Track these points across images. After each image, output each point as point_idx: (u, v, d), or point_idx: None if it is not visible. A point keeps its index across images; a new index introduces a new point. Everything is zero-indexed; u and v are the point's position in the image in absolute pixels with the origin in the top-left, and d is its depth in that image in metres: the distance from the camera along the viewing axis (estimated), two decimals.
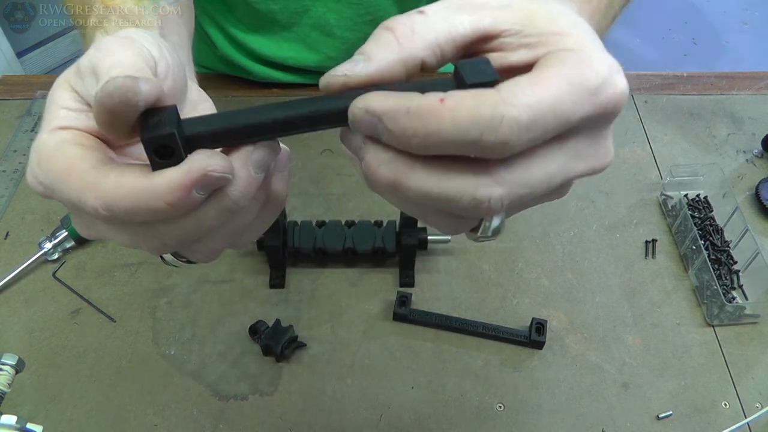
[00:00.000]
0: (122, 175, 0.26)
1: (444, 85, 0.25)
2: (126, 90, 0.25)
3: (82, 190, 0.26)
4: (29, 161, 0.28)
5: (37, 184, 0.28)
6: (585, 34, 0.28)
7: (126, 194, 0.26)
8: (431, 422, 0.52)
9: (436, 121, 0.23)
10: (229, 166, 0.26)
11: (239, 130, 0.28)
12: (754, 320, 0.58)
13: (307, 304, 0.59)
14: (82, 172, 0.27)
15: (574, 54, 0.26)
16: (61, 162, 0.27)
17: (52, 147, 0.28)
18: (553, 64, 0.26)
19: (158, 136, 0.25)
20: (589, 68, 0.26)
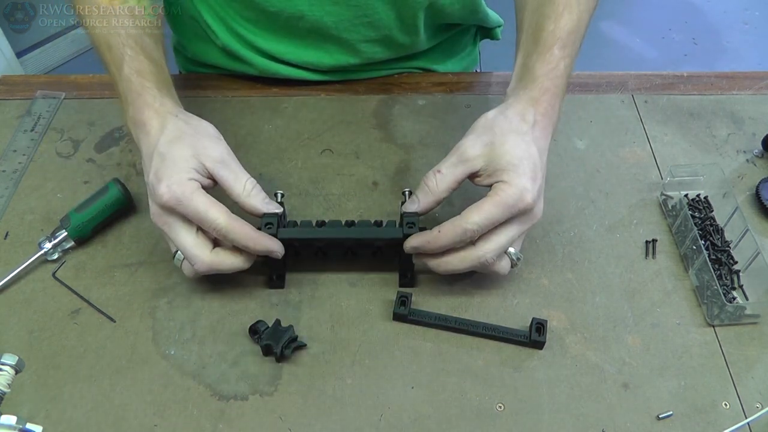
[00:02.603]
0: (245, 223, 0.54)
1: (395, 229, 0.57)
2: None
3: (220, 214, 0.53)
4: (164, 188, 0.52)
5: (172, 205, 0.52)
6: (520, 167, 0.53)
7: (239, 230, 0.53)
8: (431, 422, 0.52)
9: (440, 240, 0.54)
10: (280, 252, 0.56)
11: (311, 241, 0.59)
12: (755, 320, 0.58)
13: (307, 304, 0.59)
14: (221, 209, 0.53)
15: (505, 185, 0.53)
16: (204, 200, 0.53)
17: (190, 190, 0.52)
18: (493, 192, 0.53)
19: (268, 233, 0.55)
20: (511, 193, 0.52)
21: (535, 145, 0.54)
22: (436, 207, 0.56)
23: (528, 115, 0.55)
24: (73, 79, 0.81)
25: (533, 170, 0.53)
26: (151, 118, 0.56)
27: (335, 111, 0.77)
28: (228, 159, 0.56)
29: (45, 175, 0.70)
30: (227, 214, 0.53)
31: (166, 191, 0.52)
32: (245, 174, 0.56)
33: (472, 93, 0.80)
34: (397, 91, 0.80)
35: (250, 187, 0.56)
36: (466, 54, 0.91)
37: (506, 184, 0.52)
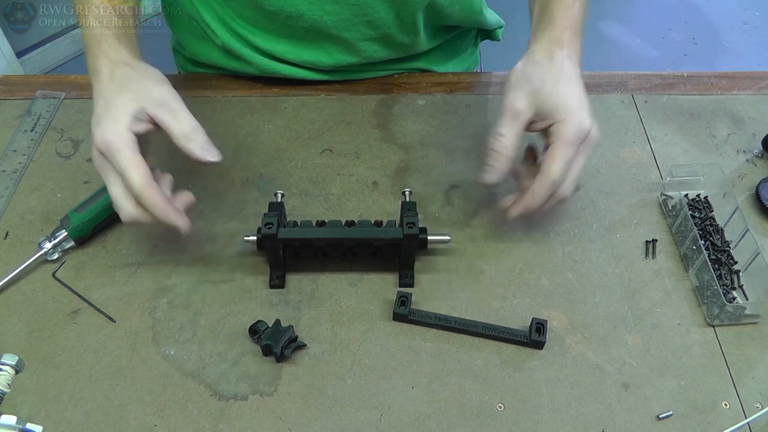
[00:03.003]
0: (158, 191, 0.54)
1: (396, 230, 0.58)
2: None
3: (135, 178, 0.52)
4: (99, 133, 0.54)
5: (102, 152, 0.54)
6: (568, 101, 0.57)
7: (150, 198, 0.53)
8: (431, 422, 0.52)
9: (536, 201, 0.57)
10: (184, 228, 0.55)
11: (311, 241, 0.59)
12: (755, 320, 0.58)
13: (307, 304, 0.59)
14: (145, 169, 0.53)
15: (563, 124, 0.56)
16: (129, 156, 0.53)
17: (120, 141, 0.53)
18: (554, 135, 0.57)
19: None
20: (571, 128, 0.56)
21: (571, 75, 0.58)
22: (508, 168, 0.58)
23: (555, 53, 0.59)
24: (73, 79, 0.81)
25: (579, 98, 0.57)
26: (103, 65, 0.57)
27: (335, 111, 0.77)
28: (169, 101, 0.56)
29: (45, 175, 0.70)
30: (145, 178, 0.52)
31: (100, 138, 0.53)
32: (186, 115, 0.56)
33: (472, 93, 0.80)
34: (397, 91, 0.80)
35: (188, 129, 0.55)
36: (467, 55, 0.91)
37: (563, 122, 0.56)
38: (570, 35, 0.60)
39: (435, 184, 0.70)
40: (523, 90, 0.58)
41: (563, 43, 0.59)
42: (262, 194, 0.68)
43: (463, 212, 0.67)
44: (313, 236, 0.58)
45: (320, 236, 0.58)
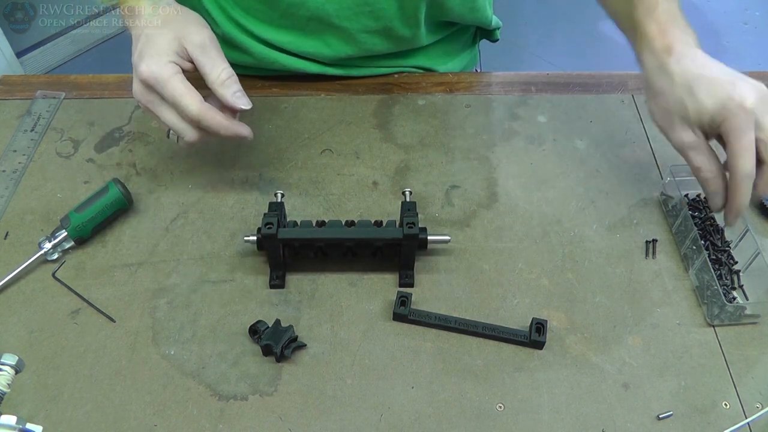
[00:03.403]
0: (217, 111, 0.58)
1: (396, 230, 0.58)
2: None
3: (193, 102, 0.56)
4: (144, 66, 0.56)
5: (150, 84, 0.57)
6: (716, 96, 0.55)
7: (211, 118, 0.57)
8: (431, 422, 0.52)
9: (738, 203, 0.57)
10: (249, 136, 0.61)
11: (311, 241, 0.59)
12: (755, 320, 0.58)
13: (307, 305, 0.59)
14: (197, 95, 0.57)
15: (726, 121, 0.54)
16: (180, 86, 0.56)
17: (168, 73, 0.56)
18: (725, 131, 0.55)
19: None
20: (735, 117, 0.54)
21: (695, 71, 0.57)
22: (724, 184, 0.58)
23: (668, 67, 0.58)
24: (73, 79, 0.81)
25: (719, 86, 0.55)
26: (145, 3, 0.60)
27: (335, 111, 0.77)
28: (209, 46, 0.58)
29: (45, 175, 0.70)
30: (200, 101, 0.57)
31: (146, 70, 0.56)
32: (224, 63, 0.58)
33: (472, 93, 0.80)
34: (397, 91, 0.80)
35: (225, 76, 0.58)
36: (466, 54, 0.91)
37: (726, 122, 0.54)
38: (669, 36, 0.59)
39: (435, 184, 0.70)
40: (675, 123, 0.58)
41: (668, 48, 0.58)
42: (262, 194, 0.68)
43: (463, 212, 0.67)
44: (313, 236, 0.58)
45: (320, 236, 0.58)
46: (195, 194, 0.68)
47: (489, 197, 0.68)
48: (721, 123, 0.55)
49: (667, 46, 0.58)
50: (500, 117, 0.77)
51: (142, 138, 0.74)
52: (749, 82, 0.55)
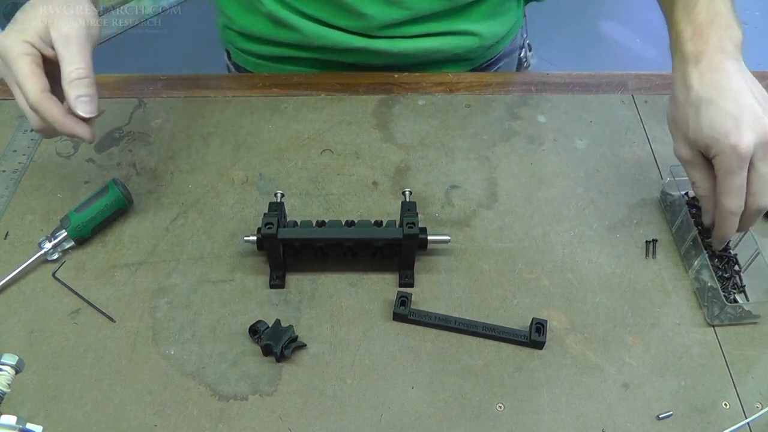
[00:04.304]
0: (55, 104, 0.55)
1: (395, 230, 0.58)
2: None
3: (32, 88, 0.54)
4: (0, 37, 0.55)
5: (0, 60, 0.55)
6: (713, 128, 0.53)
7: (48, 110, 0.54)
8: (431, 422, 0.52)
9: (724, 235, 0.57)
10: (88, 138, 0.57)
11: (311, 241, 0.59)
12: (755, 320, 0.58)
13: (307, 305, 0.59)
14: (40, 82, 0.54)
15: (717, 157, 0.53)
16: (26, 67, 0.54)
17: (17, 52, 0.54)
18: (716, 166, 0.54)
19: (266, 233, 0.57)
20: (725, 156, 0.52)
21: (713, 91, 0.54)
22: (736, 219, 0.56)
23: (688, 76, 0.55)
24: None
25: (724, 122, 0.52)
26: None
27: (335, 111, 0.77)
28: (74, 39, 0.54)
29: (45, 175, 0.70)
30: (41, 90, 0.54)
31: (1, 42, 0.54)
32: (81, 62, 0.54)
33: (472, 93, 0.80)
34: (397, 91, 0.80)
35: (75, 76, 0.54)
36: (511, 16, 0.88)
37: (717, 157, 0.53)
38: (703, 40, 0.55)
39: (435, 184, 0.70)
40: (678, 135, 0.57)
41: (696, 57, 0.55)
42: (262, 194, 0.68)
43: (463, 212, 0.67)
44: (313, 236, 0.58)
45: (320, 236, 0.58)
46: (195, 194, 0.68)
47: (489, 197, 0.68)
48: (713, 157, 0.54)
49: (697, 52, 0.55)
50: (500, 117, 0.77)
51: (142, 138, 0.74)
52: (762, 120, 0.52)
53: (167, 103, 0.78)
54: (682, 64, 0.56)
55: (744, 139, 0.51)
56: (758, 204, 0.54)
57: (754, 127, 0.52)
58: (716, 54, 0.55)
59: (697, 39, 0.55)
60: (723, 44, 0.55)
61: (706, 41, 0.55)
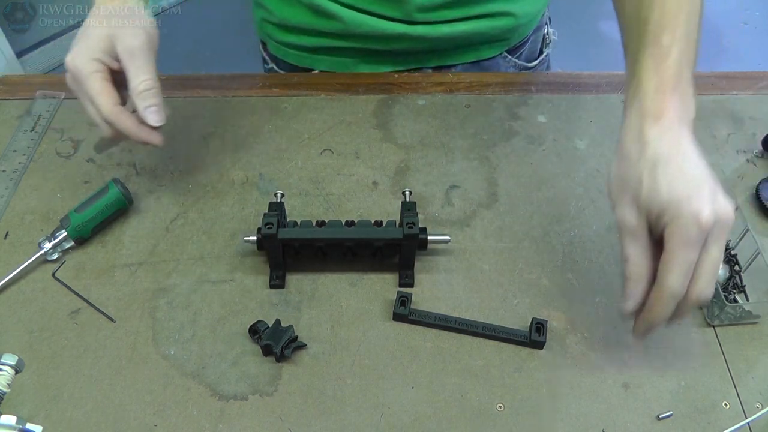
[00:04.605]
0: (128, 116, 0.59)
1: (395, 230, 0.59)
2: None
3: (105, 103, 0.57)
4: (70, 56, 0.57)
5: (72, 76, 0.58)
6: (672, 195, 0.46)
7: (122, 122, 0.58)
8: (431, 422, 0.52)
9: (654, 318, 0.49)
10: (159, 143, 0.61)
11: (311, 241, 0.59)
12: (755, 320, 0.58)
13: (307, 305, 0.59)
14: (112, 97, 0.58)
15: (673, 225, 0.46)
16: (97, 85, 0.57)
17: (88, 70, 0.57)
18: (668, 237, 0.46)
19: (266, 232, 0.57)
20: (683, 226, 0.45)
21: (672, 154, 0.48)
22: (646, 292, 0.49)
23: (645, 132, 0.49)
24: None
25: (687, 183, 0.47)
26: None
27: (335, 111, 0.77)
28: (138, 52, 0.57)
29: (45, 175, 0.70)
30: (113, 104, 0.58)
31: (71, 62, 0.57)
32: (147, 73, 0.58)
33: (472, 93, 0.80)
34: (397, 91, 0.80)
35: (143, 88, 0.57)
36: None
37: (672, 222, 0.46)
38: (667, 100, 0.49)
39: (435, 184, 0.70)
40: (625, 197, 0.49)
41: (657, 113, 0.49)
42: (262, 194, 0.68)
43: (463, 212, 0.67)
44: (313, 236, 0.58)
45: (320, 236, 0.58)
46: (195, 194, 0.68)
47: (489, 197, 0.68)
48: (667, 223, 0.46)
49: (658, 110, 0.49)
50: (500, 117, 0.77)
51: None
52: (719, 198, 0.47)
53: (167, 103, 0.77)
54: (639, 119, 0.50)
55: (706, 209, 0.46)
56: (699, 292, 0.47)
57: (714, 202, 0.46)
58: (677, 117, 0.49)
59: (661, 97, 0.50)
60: (684, 113, 0.50)
61: (669, 103, 0.49)
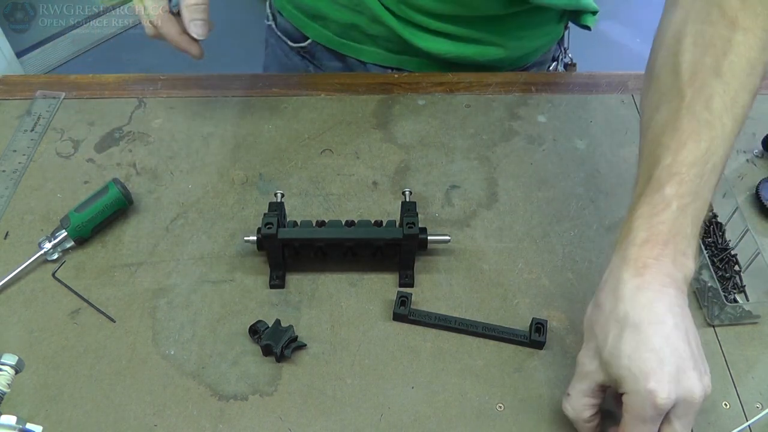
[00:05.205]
0: (173, 24, 0.64)
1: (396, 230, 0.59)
2: None
3: (153, 12, 0.62)
4: None
5: None
6: (632, 367, 0.43)
7: (166, 29, 0.63)
8: (431, 422, 0.52)
9: None
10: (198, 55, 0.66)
11: (311, 241, 0.59)
12: (755, 320, 0.58)
13: (307, 305, 0.59)
14: (159, 5, 0.62)
15: (628, 396, 0.43)
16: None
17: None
18: (624, 407, 0.44)
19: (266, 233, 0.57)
20: (637, 402, 0.42)
21: (643, 320, 0.44)
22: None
23: (622, 287, 0.45)
24: (73, 79, 0.81)
25: (648, 360, 0.43)
26: None
27: (335, 111, 0.77)
28: None
29: (45, 175, 0.70)
30: (163, 11, 0.63)
31: None
32: None
33: (472, 93, 0.80)
34: (397, 91, 0.80)
35: (192, 2, 0.62)
36: (547, 30, 0.83)
37: (628, 394, 0.43)
38: (655, 253, 0.45)
39: (435, 184, 0.70)
40: (590, 345, 0.47)
41: (639, 269, 0.45)
42: (262, 194, 0.68)
43: (463, 212, 0.67)
44: (313, 236, 0.58)
45: (320, 236, 0.58)
46: (195, 194, 0.68)
47: (489, 197, 0.68)
48: (625, 392, 0.44)
49: (641, 266, 0.45)
50: (500, 117, 0.77)
51: (142, 138, 0.74)
52: (687, 376, 0.43)
53: (167, 103, 0.78)
54: (619, 268, 0.46)
55: (665, 390, 0.42)
56: None
57: (680, 381, 0.43)
58: (661, 275, 0.45)
59: (648, 250, 0.45)
60: (670, 273, 0.45)
61: (657, 257, 0.45)
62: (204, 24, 0.63)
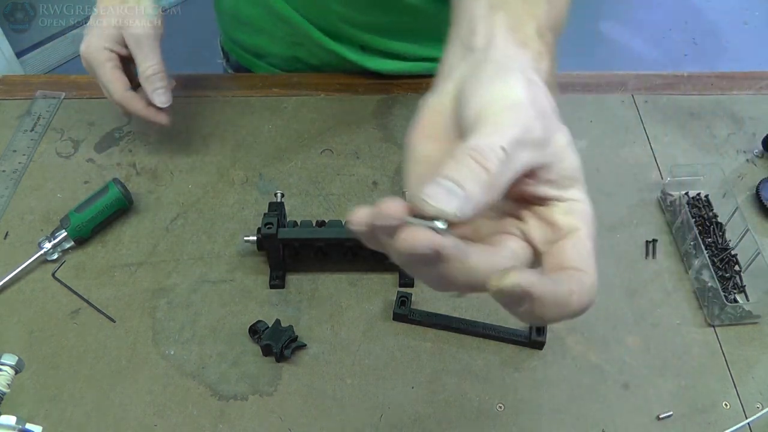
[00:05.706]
0: (138, 100, 0.65)
1: None
2: None
3: (116, 90, 0.64)
4: (84, 46, 0.64)
5: (86, 64, 0.64)
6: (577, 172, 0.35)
7: (132, 105, 0.65)
8: (431, 422, 0.52)
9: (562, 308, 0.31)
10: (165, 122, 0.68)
11: (311, 241, 0.59)
12: (755, 320, 0.58)
13: (307, 304, 0.59)
14: (121, 82, 0.64)
15: (580, 204, 0.35)
16: (109, 72, 0.63)
17: (100, 59, 0.63)
18: (576, 223, 0.34)
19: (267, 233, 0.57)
20: (590, 215, 0.34)
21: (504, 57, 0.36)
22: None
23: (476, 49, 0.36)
24: (73, 79, 0.81)
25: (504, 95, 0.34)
26: None
27: (335, 111, 0.77)
28: (144, 40, 0.63)
29: (45, 175, 0.70)
30: (124, 89, 0.64)
31: (85, 50, 0.64)
32: (153, 59, 0.64)
33: None
34: (397, 91, 0.80)
35: (150, 72, 0.64)
36: None
37: (580, 202, 0.35)
38: (503, 34, 0.37)
39: None
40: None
41: (487, 39, 0.36)
42: (262, 194, 0.68)
43: None
44: (313, 236, 0.58)
45: (320, 236, 0.58)
46: (195, 194, 0.68)
47: None
48: (573, 194, 0.35)
49: (491, 35, 0.37)
50: None
51: (142, 138, 0.74)
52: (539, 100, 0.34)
53: None
54: (462, 47, 0.38)
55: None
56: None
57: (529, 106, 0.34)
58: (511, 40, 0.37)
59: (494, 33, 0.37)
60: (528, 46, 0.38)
61: (504, 36, 0.37)
62: (165, 91, 0.65)
